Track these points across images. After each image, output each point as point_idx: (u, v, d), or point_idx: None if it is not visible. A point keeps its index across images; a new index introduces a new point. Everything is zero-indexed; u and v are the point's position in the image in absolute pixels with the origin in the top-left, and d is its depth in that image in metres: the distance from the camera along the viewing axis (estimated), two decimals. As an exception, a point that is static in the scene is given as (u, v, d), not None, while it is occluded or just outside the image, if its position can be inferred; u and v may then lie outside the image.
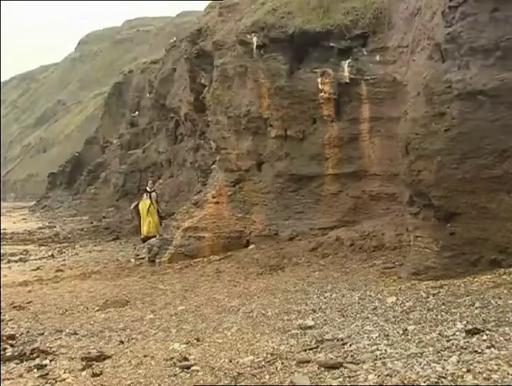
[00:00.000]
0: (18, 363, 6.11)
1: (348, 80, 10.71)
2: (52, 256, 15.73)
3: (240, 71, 12.09)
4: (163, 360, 5.71)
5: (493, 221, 7.23)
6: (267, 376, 4.84)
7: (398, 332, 5.46)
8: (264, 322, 6.66)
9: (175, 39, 27.94)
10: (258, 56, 11.59)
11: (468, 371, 4.13)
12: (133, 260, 13.68)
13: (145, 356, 5.90)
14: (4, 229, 23.80)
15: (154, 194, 17.41)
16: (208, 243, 12.15)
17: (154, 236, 15.21)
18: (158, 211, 17.11)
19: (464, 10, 7.31)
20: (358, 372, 4.47)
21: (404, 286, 7.38)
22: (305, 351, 5.36)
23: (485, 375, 4.03)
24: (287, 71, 11.23)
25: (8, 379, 5.61)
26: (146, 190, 17.57)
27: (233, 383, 4.83)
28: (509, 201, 7.16)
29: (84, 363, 5.87)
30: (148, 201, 16.85)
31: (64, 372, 5.67)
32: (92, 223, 25.85)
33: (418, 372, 4.22)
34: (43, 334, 7.20)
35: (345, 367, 4.63)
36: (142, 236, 16.54)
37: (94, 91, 68.03)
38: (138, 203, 17.33)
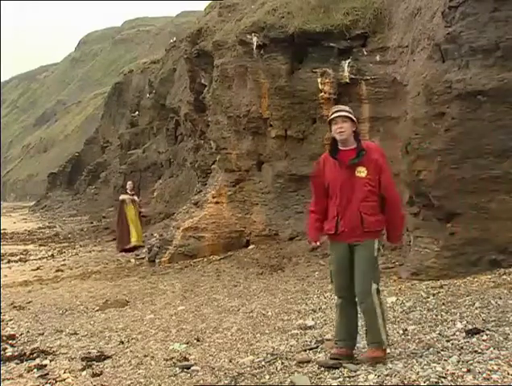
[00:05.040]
0: (18, 363, 6.11)
1: (348, 80, 10.69)
2: (52, 256, 15.73)
3: (240, 71, 12.07)
4: (163, 360, 5.71)
5: (493, 221, 7.22)
6: (267, 376, 4.83)
7: (398, 332, 5.45)
8: (264, 322, 6.65)
9: (175, 39, 27.94)
10: (258, 56, 11.57)
11: (468, 371, 4.12)
12: (133, 260, 13.69)
13: (145, 356, 5.89)
14: (4, 229, 23.83)
15: (134, 197, 16.36)
16: (208, 243, 12.14)
17: (140, 246, 15.06)
18: (140, 213, 16.38)
19: (464, 10, 7.31)
20: (358, 372, 4.45)
21: (404, 286, 7.37)
22: (305, 351, 5.35)
23: (485, 375, 4.02)
24: (287, 71, 11.22)
25: (8, 379, 5.61)
26: (127, 192, 16.38)
27: (233, 383, 4.82)
28: (510, 201, 7.15)
29: (84, 363, 5.87)
30: (132, 208, 15.95)
31: (64, 372, 5.67)
32: (92, 223, 25.86)
33: (418, 372, 4.20)
34: (43, 334, 7.20)
35: (345, 367, 4.62)
36: (129, 245, 15.40)
37: (94, 91, 68.14)
38: (122, 205, 16.17)
